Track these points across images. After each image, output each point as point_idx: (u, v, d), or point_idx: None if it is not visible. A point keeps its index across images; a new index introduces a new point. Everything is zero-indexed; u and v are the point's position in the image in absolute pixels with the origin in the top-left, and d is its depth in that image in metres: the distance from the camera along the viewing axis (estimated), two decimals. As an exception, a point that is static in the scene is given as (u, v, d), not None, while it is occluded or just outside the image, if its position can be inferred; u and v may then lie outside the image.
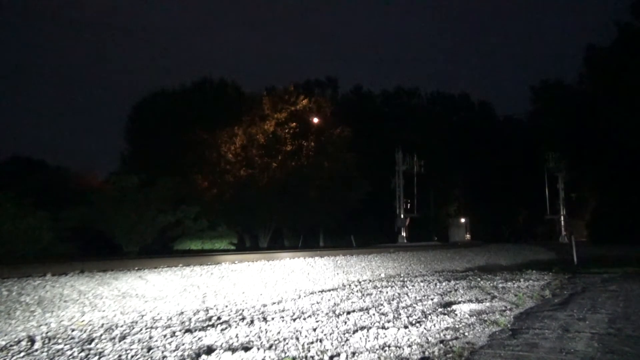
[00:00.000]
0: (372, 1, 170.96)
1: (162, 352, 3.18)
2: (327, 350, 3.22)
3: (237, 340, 3.49)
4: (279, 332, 3.74)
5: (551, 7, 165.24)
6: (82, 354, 3.14)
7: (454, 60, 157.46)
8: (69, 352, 3.19)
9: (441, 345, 3.35)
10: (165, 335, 3.65)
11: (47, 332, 3.79)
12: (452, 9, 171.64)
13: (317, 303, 5.33)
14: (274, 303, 5.40)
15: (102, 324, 4.15)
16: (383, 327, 3.87)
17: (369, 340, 3.46)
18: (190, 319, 4.40)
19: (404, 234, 31.14)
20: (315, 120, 34.17)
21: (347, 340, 3.48)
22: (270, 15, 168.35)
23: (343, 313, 4.57)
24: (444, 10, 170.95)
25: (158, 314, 4.70)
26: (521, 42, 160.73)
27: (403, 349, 3.23)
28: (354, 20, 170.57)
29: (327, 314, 4.58)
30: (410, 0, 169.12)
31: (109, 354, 3.14)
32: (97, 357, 3.09)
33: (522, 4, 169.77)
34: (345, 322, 4.13)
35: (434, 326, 3.97)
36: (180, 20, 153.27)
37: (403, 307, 4.94)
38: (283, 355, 3.10)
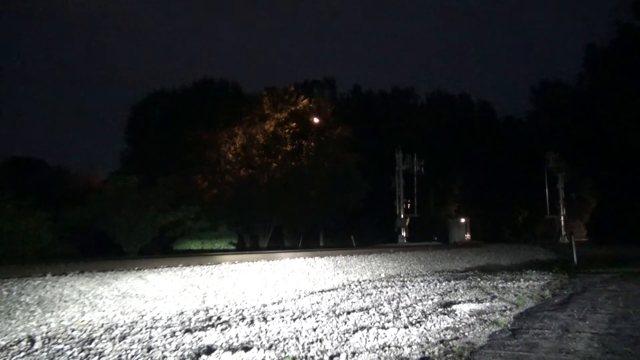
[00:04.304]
0: (371, 1, 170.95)
1: (162, 352, 3.18)
2: (327, 350, 3.22)
3: (237, 340, 3.49)
4: (279, 332, 3.74)
5: (551, 7, 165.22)
6: (82, 354, 3.14)
7: (454, 60, 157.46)
8: (69, 352, 3.19)
9: (441, 345, 3.35)
10: (165, 335, 3.65)
11: (47, 332, 3.79)
12: (452, 9, 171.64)
13: (317, 303, 5.33)
14: (274, 303, 5.40)
15: (102, 324, 4.15)
16: (383, 327, 3.87)
17: (369, 340, 3.46)
18: (190, 319, 4.40)
19: (404, 234, 31.16)
20: (316, 120, 34.18)
21: (347, 340, 3.48)
22: (269, 15, 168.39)
23: (343, 313, 4.57)
24: (443, 10, 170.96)
25: (158, 314, 4.70)
26: (521, 42, 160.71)
27: (403, 349, 3.23)
28: (353, 21, 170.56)
29: (327, 314, 4.58)
30: (410, 0, 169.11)
31: (109, 354, 3.14)
32: (97, 357, 3.09)
33: (522, 4, 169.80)
34: (345, 322, 4.13)
35: (434, 326, 3.97)
36: (180, 21, 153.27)
37: (403, 307, 4.94)
38: (283, 355, 3.10)
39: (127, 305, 4.83)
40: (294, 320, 4.23)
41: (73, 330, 3.90)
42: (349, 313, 4.56)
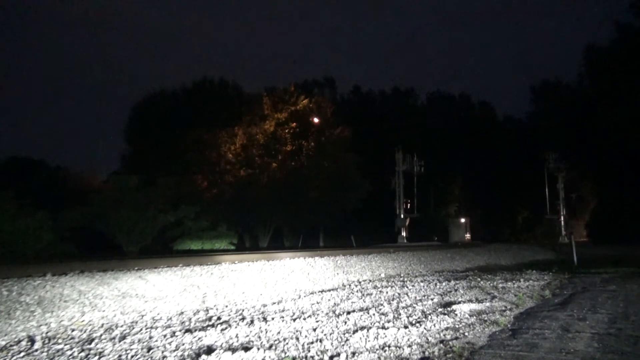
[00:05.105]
0: (371, 1, 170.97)
1: (162, 352, 3.18)
2: (327, 350, 3.22)
3: (237, 340, 3.49)
4: (279, 332, 3.74)
5: (551, 7, 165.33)
6: (82, 354, 3.14)
7: (454, 60, 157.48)
8: (69, 352, 3.19)
9: (441, 345, 3.35)
10: (165, 335, 3.65)
11: (47, 332, 3.79)
12: (452, 9, 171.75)
13: (317, 303, 5.33)
14: (274, 303, 5.40)
15: (102, 324, 4.15)
16: (383, 327, 3.87)
17: (369, 340, 3.46)
18: (190, 319, 4.40)
19: (404, 234, 31.14)
20: (316, 120, 34.18)
21: (347, 340, 3.48)
22: (269, 15, 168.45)
23: (343, 313, 4.57)
24: (444, 10, 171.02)
25: (158, 314, 4.70)
26: (521, 42, 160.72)
27: (403, 349, 3.23)
28: (353, 20, 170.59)
29: (327, 314, 4.58)
30: (410, 0, 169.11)
31: (109, 354, 3.14)
32: (97, 357, 3.09)
33: (522, 4, 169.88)
34: (345, 322, 4.13)
35: (434, 326, 3.97)
36: (180, 20, 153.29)
37: (403, 307, 4.94)
38: (283, 355, 3.10)
39: (127, 305, 4.83)
40: (294, 320, 4.23)
41: (73, 330, 3.90)
42: (349, 313, 4.56)
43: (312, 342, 3.40)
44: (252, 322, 4.15)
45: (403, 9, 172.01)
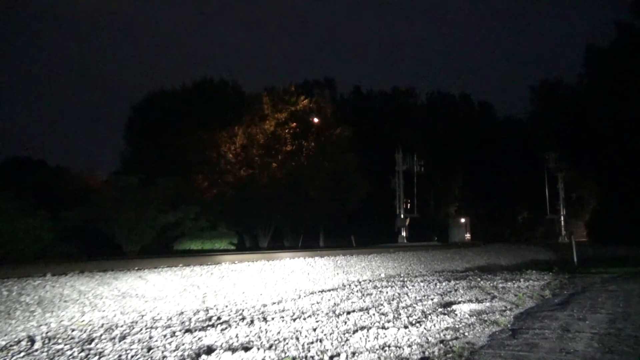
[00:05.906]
0: (372, 1, 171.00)
1: (162, 352, 3.18)
2: (327, 350, 3.22)
3: (237, 340, 3.49)
4: (279, 332, 3.74)
5: (551, 7, 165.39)
6: (82, 354, 3.14)
7: (454, 60, 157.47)
8: (69, 352, 3.19)
9: (441, 345, 3.35)
10: (165, 335, 3.65)
11: (47, 332, 3.79)
12: (452, 9, 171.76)
13: (317, 303, 5.33)
14: (274, 303, 5.40)
15: (102, 324, 4.15)
16: (383, 327, 3.87)
17: (369, 340, 3.46)
18: (190, 319, 4.40)
19: (404, 234, 31.12)
20: (315, 120, 34.18)
21: (347, 340, 3.48)
22: (269, 15, 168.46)
23: (343, 313, 4.57)
24: (444, 10, 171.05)
25: (158, 314, 4.70)
26: (521, 42, 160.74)
27: (403, 349, 3.23)
28: (353, 21, 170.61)
29: (327, 314, 4.58)
30: (410, 0, 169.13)
31: (109, 354, 3.14)
32: (97, 357, 3.09)
33: (522, 4, 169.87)
34: (345, 322, 4.13)
35: (434, 326, 3.97)
36: (180, 20, 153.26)
37: (403, 307, 4.94)
38: (283, 355, 3.10)
39: (127, 305, 4.83)
40: (294, 320, 4.23)
41: (73, 330, 3.90)
42: (349, 313, 4.56)
43: (312, 342, 3.40)
44: (252, 322, 4.15)
45: (403, 9, 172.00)
